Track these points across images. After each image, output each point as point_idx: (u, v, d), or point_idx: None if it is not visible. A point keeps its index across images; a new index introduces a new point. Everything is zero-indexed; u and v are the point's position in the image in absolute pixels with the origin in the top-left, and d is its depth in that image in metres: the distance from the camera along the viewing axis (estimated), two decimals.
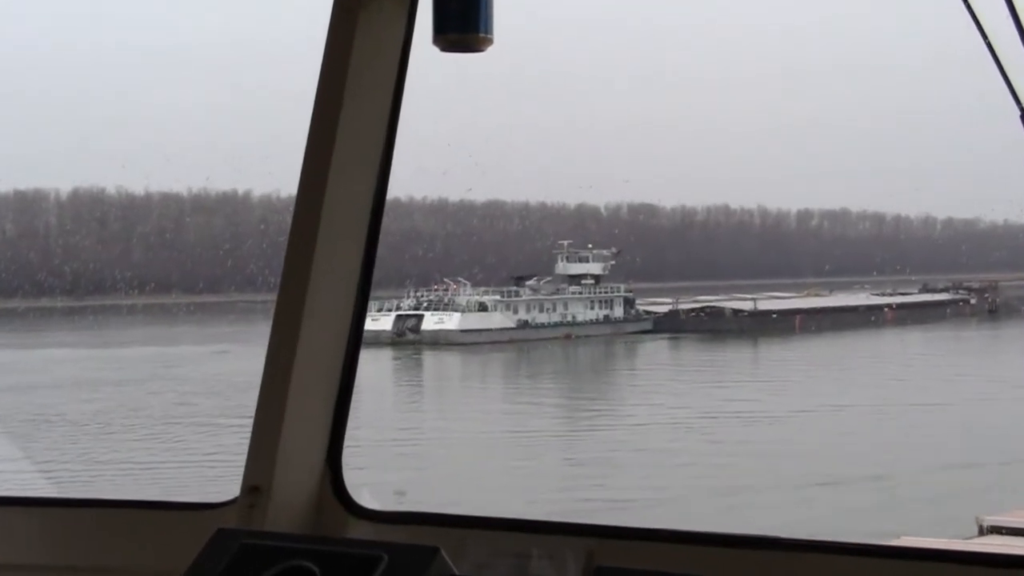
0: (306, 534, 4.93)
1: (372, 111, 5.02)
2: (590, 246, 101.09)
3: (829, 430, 47.28)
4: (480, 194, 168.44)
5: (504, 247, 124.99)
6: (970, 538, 23.82)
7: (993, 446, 41.26)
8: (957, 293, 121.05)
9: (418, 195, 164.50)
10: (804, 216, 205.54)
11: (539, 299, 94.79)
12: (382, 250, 5.09)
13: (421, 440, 51.62)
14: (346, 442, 5.18)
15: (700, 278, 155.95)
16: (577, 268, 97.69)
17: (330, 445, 5.14)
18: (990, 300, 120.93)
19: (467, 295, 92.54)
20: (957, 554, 4.24)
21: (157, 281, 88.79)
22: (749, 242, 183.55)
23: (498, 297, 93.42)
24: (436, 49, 4.58)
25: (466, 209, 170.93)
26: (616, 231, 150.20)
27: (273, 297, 5.11)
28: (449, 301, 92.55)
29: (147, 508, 5.43)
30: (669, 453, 44.24)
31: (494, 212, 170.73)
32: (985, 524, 22.85)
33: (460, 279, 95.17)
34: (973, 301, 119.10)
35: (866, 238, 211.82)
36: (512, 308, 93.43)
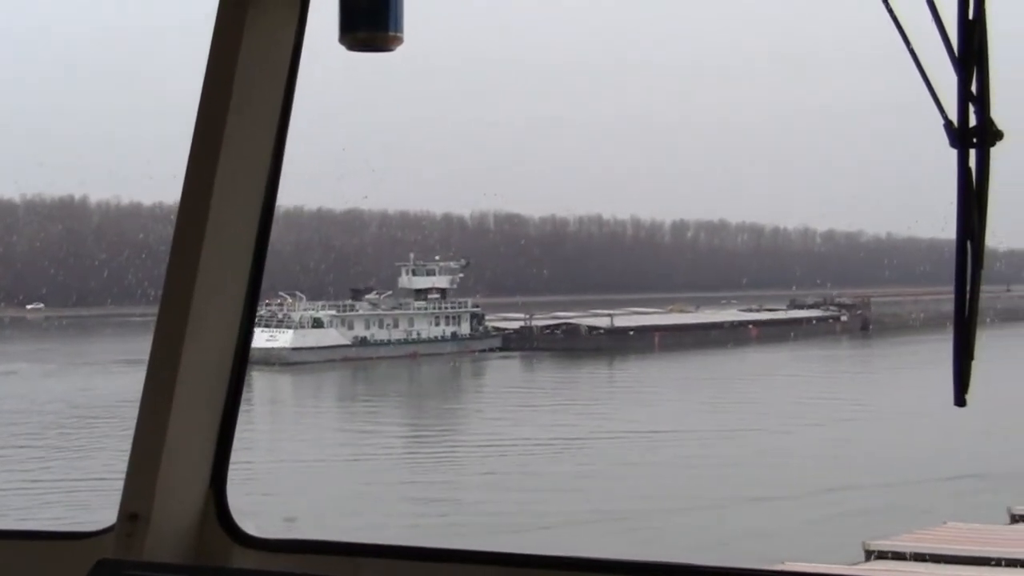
0: (191, 564, 4.81)
1: (262, 114, 4.85)
2: (437, 258, 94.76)
3: (635, 460, 41.89)
4: (339, 203, 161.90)
5: (363, 257, 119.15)
6: (857, 563, 23.02)
7: (805, 480, 36.12)
8: (828, 309, 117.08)
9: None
10: (679, 227, 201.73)
11: (379, 314, 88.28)
12: None
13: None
14: None
15: (569, 292, 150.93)
16: (422, 281, 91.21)
17: (214, 469, 4.93)
18: (862, 317, 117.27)
19: (302, 310, 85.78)
20: None
21: None
22: (622, 254, 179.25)
23: (334, 312, 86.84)
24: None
25: (323, 218, 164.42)
26: (464, 244, 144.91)
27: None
28: (283, 317, 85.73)
29: (16, 538, 5.17)
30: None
31: (352, 221, 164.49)
32: (872, 549, 22.12)
33: (297, 292, 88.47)
34: (844, 318, 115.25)
35: (744, 251, 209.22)
36: (348, 324, 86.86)
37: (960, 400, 2.92)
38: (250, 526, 4.86)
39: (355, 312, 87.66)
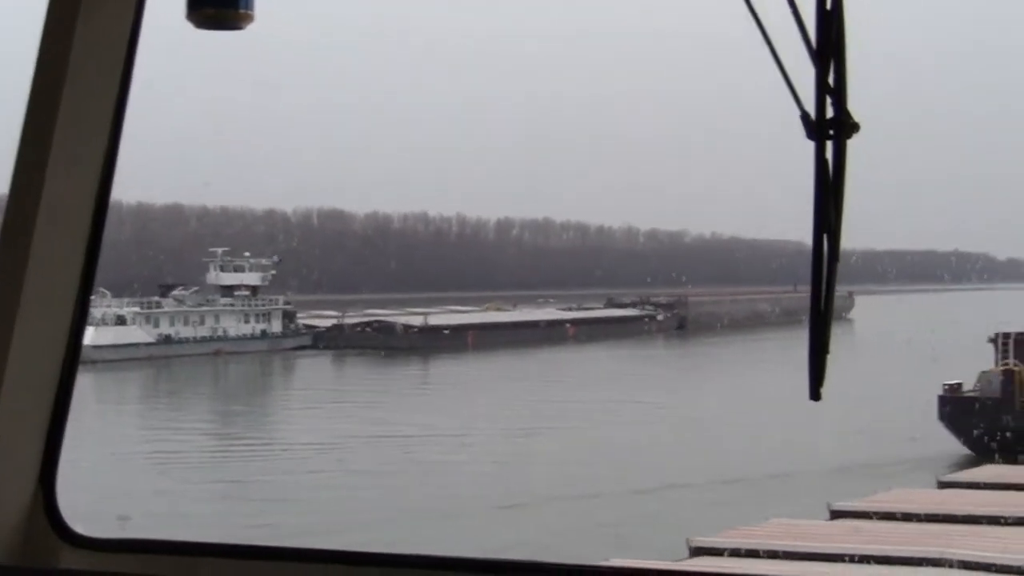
0: (16, 566, 4.60)
1: (96, 101, 4.64)
2: (247, 254, 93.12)
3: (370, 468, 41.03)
4: (160, 196, 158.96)
5: (183, 253, 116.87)
6: (680, 559, 23.19)
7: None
8: (644, 309, 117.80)
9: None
10: (504, 225, 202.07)
11: (184, 311, 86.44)
12: None
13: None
14: None
15: (393, 290, 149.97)
16: (230, 278, 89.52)
17: (43, 466, 4.74)
18: (679, 316, 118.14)
19: (104, 307, 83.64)
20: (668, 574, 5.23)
21: None
22: (446, 252, 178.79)
23: (137, 309, 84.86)
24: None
25: (142, 213, 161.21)
26: (294, 243, 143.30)
27: None
28: None
29: None
30: None
31: (172, 216, 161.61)
32: (696, 545, 22.72)
33: (100, 288, 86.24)
34: (660, 317, 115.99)
35: (568, 249, 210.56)
36: (153, 321, 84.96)
37: (815, 394, 2.80)
38: (80, 525, 4.68)
39: (160, 309, 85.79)
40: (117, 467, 43.65)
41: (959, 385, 44.30)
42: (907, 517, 24.71)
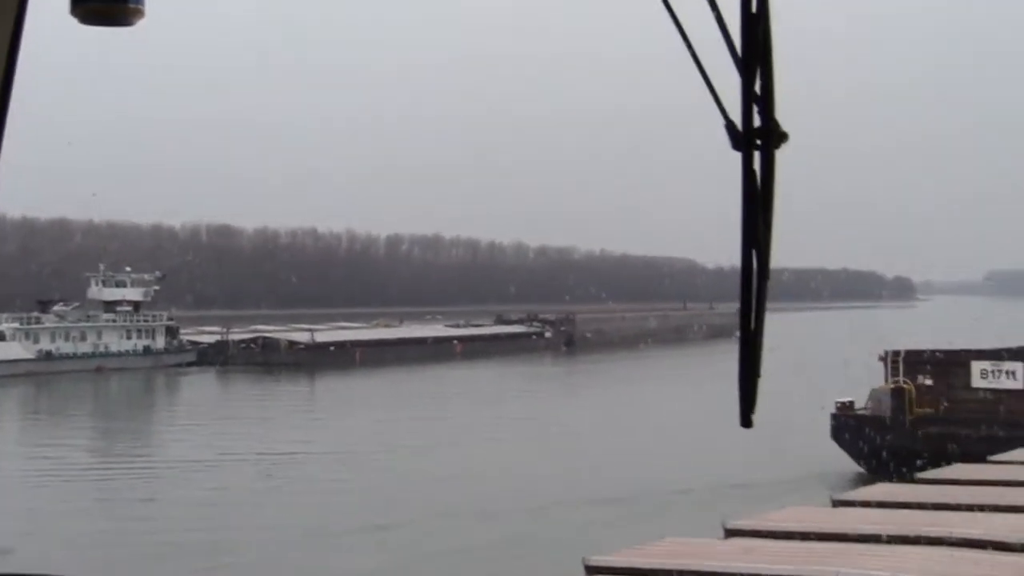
0: None
1: None
2: (128, 269, 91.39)
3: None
4: (43, 211, 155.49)
5: (67, 268, 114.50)
6: None
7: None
8: (532, 326, 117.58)
9: None
10: (394, 241, 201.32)
11: (65, 327, 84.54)
12: None
13: None
14: None
15: (280, 306, 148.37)
16: (113, 293, 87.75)
17: None
18: (567, 333, 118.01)
19: None
20: None
21: None
22: (335, 268, 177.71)
23: (17, 325, 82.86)
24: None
25: (28, 226, 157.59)
26: (189, 256, 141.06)
27: None
28: None
29: None
30: None
31: (57, 230, 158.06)
32: (591, 565, 22.31)
33: None
34: (548, 334, 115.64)
35: (458, 265, 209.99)
36: (33, 337, 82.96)
37: (747, 421, 2.51)
38: None
39: (40, 325, 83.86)
40: None
41: (851, 403, 44.37)
42: (803, 536, 24.57)
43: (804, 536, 25.07)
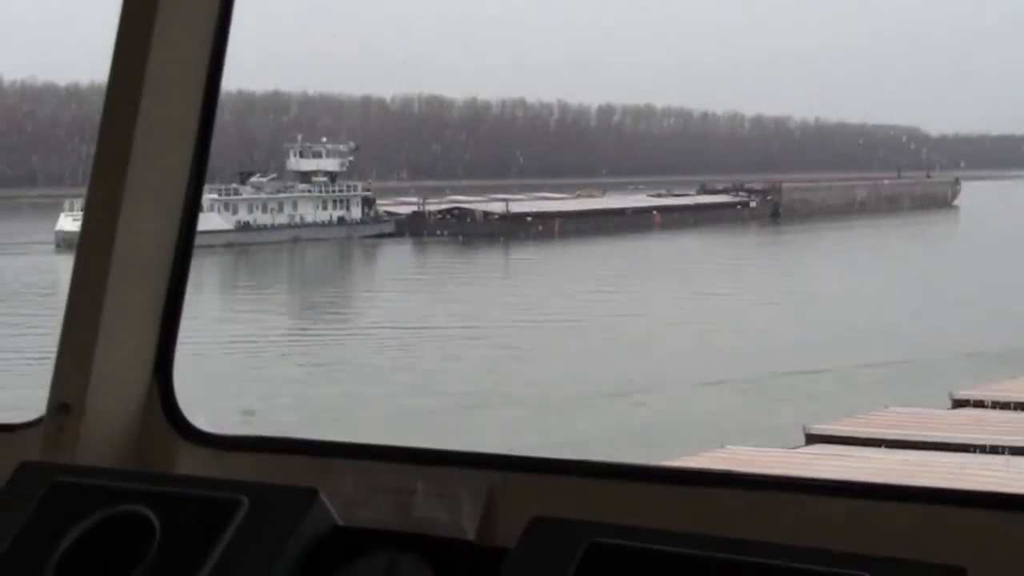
0: (135, 469, 4.28)
1: None
2: (324, 140, 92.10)
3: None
4: (260, 84, 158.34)
5: (277, 140, 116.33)
6: (796, 447, 22.73)
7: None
8: (737, 195, 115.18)
9: None
10: (606, 112, 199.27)
11: (262, 198, 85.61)
12: None
13: None
14: None
15: (488, 176, 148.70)
16: (308, 164, 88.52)
17: (158, 355, 4.49)
18: (773, 203, 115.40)
19: None
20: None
21: None
22: (544, 139, 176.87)
23: (215, 196, 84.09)
24: None
25: (242, 100, 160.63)
26: (390, 128, 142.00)
27: None
28: None
29: None
30: None
31: (272, 103, 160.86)
32: (813, 433, 22.25)
33: None
34: (753, 204, 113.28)
35: (669, 135, 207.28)
36: (232, 208, 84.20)
37: None
38: (201, 420, 4.43)
39: (239, 196, 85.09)
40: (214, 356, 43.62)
41: None
42: None
43: None
